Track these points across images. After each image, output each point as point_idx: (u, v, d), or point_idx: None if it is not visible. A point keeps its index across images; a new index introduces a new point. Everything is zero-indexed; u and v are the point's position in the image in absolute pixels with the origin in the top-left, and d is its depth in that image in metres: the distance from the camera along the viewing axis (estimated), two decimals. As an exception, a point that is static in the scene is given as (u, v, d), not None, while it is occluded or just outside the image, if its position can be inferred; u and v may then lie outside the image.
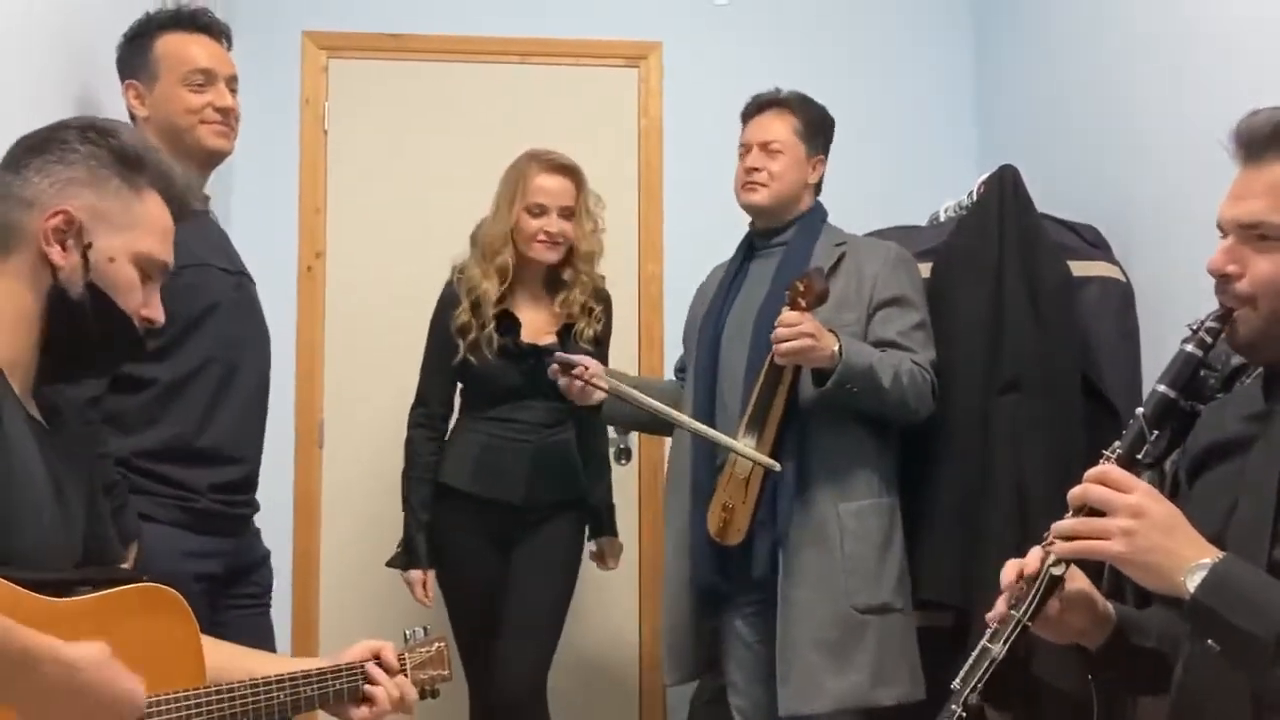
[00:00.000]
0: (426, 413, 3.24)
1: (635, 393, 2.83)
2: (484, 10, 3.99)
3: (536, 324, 3.19)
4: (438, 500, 3.17)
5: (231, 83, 2.40)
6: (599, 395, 2.87)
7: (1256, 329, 1.48)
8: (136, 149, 1.58)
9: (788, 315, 2.55)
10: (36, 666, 1.25)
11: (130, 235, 1.55)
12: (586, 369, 2.84)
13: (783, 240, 2.87)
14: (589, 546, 3.38)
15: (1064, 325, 2.81)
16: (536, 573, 3.15)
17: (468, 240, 3.25)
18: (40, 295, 1.50)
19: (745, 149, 2.91)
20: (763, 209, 2.88)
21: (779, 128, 2.88)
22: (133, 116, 2.36)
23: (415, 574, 3.14)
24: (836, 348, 2.56)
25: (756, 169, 2.86)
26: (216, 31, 2.42)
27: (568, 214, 3.14)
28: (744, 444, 2.65)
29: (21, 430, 1.46)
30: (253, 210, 3.18)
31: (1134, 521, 1.38)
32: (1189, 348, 1.52)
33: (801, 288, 2.57)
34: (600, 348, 3.25)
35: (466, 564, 3.16)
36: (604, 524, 3.39)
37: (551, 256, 3.15)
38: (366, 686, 1.77)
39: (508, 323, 3.14)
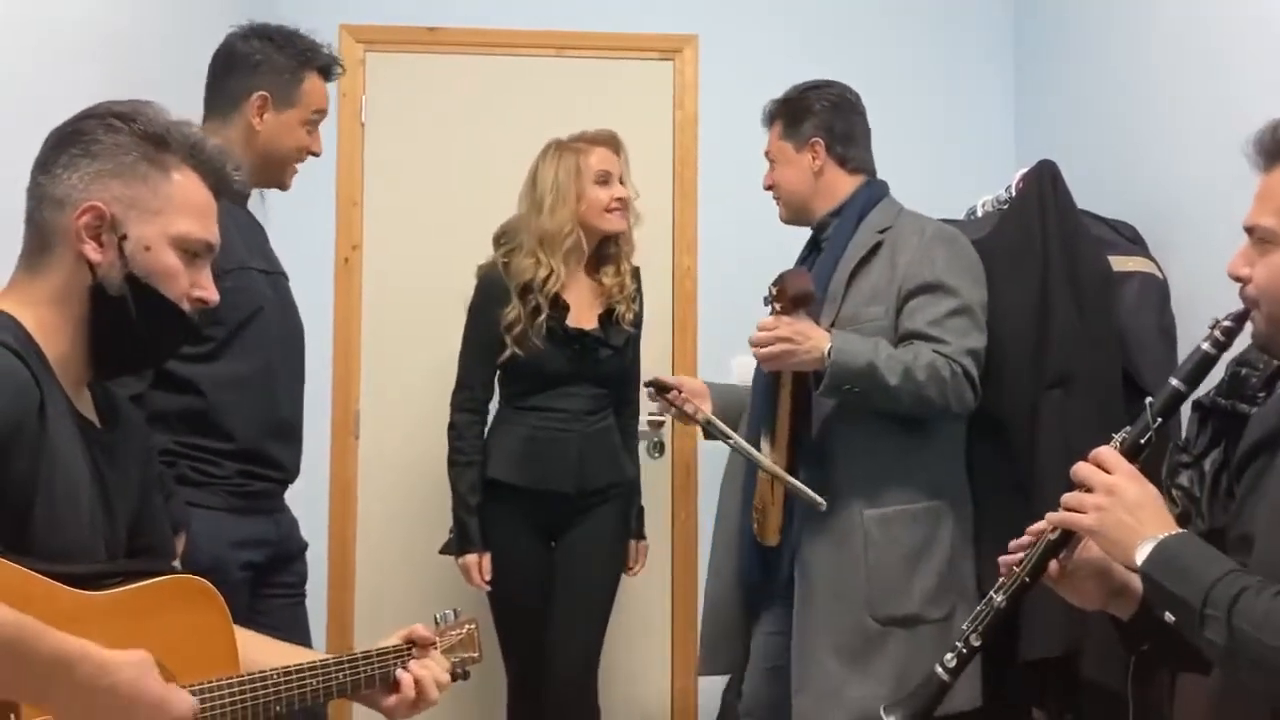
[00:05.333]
0: (470, 396, 3.20)
1: (720, 424, 2.67)
2: (519, 3, 4.00)
3: (581, 306, 3.18)
4: (484, 493, 3.13)
5: None
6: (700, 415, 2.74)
7: (1263, 331, 1.53)
8: (160, 127, 1.53)
9: (763, 320, 2.49)
10: (72, 668, 1.24)
11: (164, 219, 1.51)
12: (680, 391, 2.76)
13: (826, 236, 2.77)
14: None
15: (1107, 320, 2.79)
16: (586, 557, 3.15)
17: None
18: (83, 294, 1.48)
19: None
20: (786, 219, 2.87)
21: (769, 139, 2.86)
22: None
23: (471, 558, 3.10)
24: (827, 348, 2.45)
25: (768, 186, 2.86)
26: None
27: (620, 179, 3.19)
28: (764, 450, 2.60)
29: (68, 430, 1.45)
30: (290, 203, 3.18)
31: (1106, 498, 1.49)
32: (1205, 345, 1.58)
33: (775, 291, 2.50)
34: (637, 329, 3.27)
35: (515, 555, 3.13)
36: (632, 525, 3.31)
37: (623, 224, 3.18)
38: (399, 671, 1.73)
39: (556, 307, 3.12)
